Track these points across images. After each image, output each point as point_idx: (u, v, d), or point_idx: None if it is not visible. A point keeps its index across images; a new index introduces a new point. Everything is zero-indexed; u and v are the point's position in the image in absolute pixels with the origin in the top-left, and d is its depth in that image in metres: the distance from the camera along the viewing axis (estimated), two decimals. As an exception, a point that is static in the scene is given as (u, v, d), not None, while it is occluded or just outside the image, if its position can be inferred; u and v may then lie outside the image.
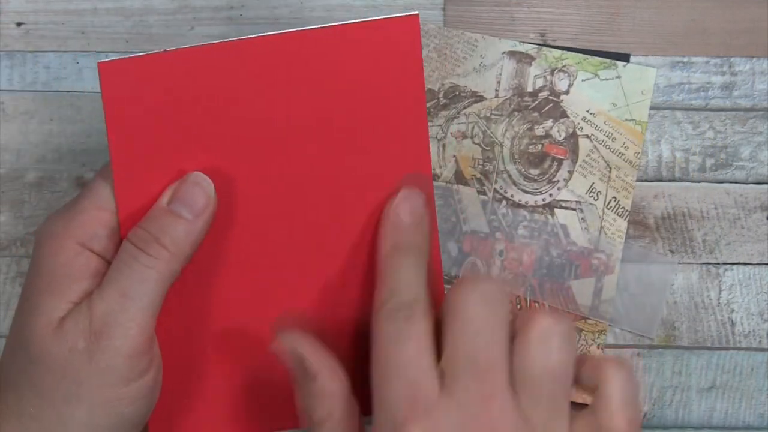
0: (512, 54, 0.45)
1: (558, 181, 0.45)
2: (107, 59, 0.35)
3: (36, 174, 0.45)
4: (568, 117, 0.45)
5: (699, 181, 0.45)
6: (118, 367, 0.34)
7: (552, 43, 0.45)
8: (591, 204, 0.45)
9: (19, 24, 0.46)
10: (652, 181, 0.45)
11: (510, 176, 0.45)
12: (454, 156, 0.45)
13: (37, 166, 0.45)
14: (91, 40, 0.46)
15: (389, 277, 0.35)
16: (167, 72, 0.36)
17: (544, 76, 0.45)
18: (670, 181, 0.45)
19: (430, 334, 0.32)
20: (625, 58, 0.45)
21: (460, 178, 0.45)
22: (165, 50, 0.36)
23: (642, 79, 0.45)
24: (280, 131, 0.37)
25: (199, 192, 0.36)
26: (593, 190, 0.45)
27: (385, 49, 0.37)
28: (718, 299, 0.45)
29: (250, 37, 0.36)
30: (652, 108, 0.45)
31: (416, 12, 0.37)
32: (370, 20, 0.36)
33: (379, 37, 0.37)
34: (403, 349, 0.32)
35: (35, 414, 0.34)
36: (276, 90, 0.37)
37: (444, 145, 0.45)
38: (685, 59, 0.46)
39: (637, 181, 0.45)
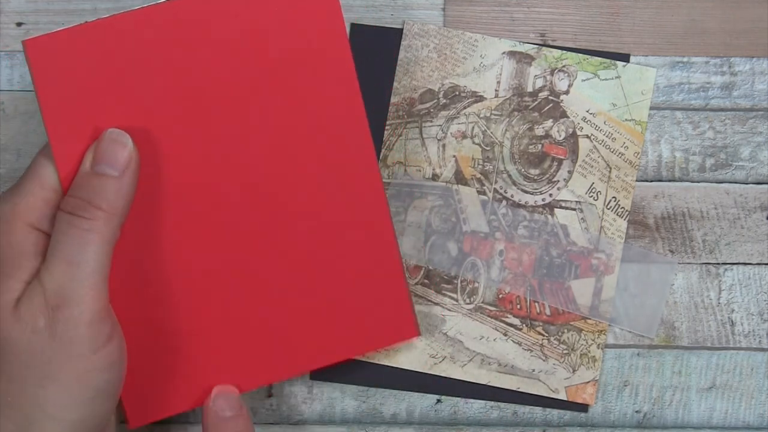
0: (512, 54, 0.45)
1: (558, 181, 0.45)
2: (31, 36, 0.36)
3: (36, 174, 0.45)
4: (568, 117, 0.45)
5: (699, 181, 0.45)
6: (82, 336, 0.34)
7: (552, 43, 0.45)
8: (591, 204, 0.45)
9: (19, 24, 0.46)
10: (652, 181, 0.45)
11: (510, 176, 0.45)
12: (454, 156, 0.45)
13: (37, 166, 0.45)
14: (91, 40, 0.46)
15: None
16: (93, 42, 0.37)
17: (544, 76, 0.45)
18: (670, 181, 0.45)
19: None
20: (624, 58, 0.45)
21: (460, 178, 0.45)
22: (87, 21, 0.37)
23: (642, 79, 0.45)
24: (208, 92, 0.38)
25: (119, 148, 0.36)
26: (593, 190, 0.45)
27: (308, 18, 0.38)
28: (718, 299, 0.45)
29: (171, 1, 0.37)
30: (652, 108, 0.45)
31: None
32: None
33: (299, 10, 0.38)
34: None
35: (12, 402, 0.34)
36: (200, 52, 0.38)
37: (444, 145, 0.45)
38: (685, 59, 0.46)
39: (637, 181, 0.45)
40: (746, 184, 0.45)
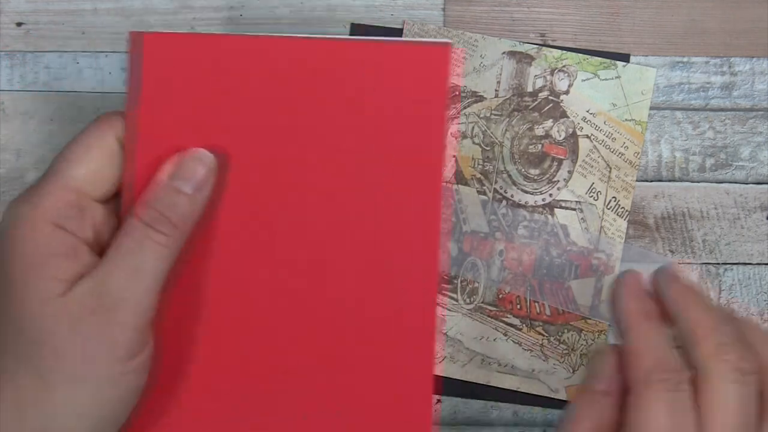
0: (512, 54, 0.45)
1: (558, 181, 0.45)
2: (149, 31, 0.36)
3: (36, 174, 0.45)
4: (568, 117, 0.45)
5: (699, 181, 0.45)
6: (128, 340, 0.34)
7: (552, 43, 0.45)
8: (591, 204, 0.45)
9: (19, 24, 0.46)
10: (652, 181, 0.45)
11: (510, 176, 0.45)
12: (454, 156, 0.45)
13: (37, 166, 0.45)
14: (91, 40, 0.46)
15: (649, 346, 0.36)
16: (205, 55, 0.37)
17: (544, 76, 0.45)
18: (670, 181, 0.45)
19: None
20: (624, 58, 0.45)
21: (460, 178, 0.45)
22: (205, 33, 0.37)
23: (642, 79, 0.45)
24: (296, 131, 0.38)
25: (201, 167, 0.36)
26: (593, 190, 0.45)
27: (413, 73, 0.37)
28: (718, 299, 0.45)
29: (288, 37, 0.38)
30: (652, 108, 0.45)
31: (449, 41, 0.37)
32: (404, 42, 0.38)
33: (409, 61, 0.37)
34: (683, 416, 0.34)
35: (38, 399, 0.34)
36: (300, 92, 0.38)
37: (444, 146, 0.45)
38: (685, 59, 0.46)
39: (637, 181, 0.45)
40: (746, 184, 0.45)
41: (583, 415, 0.36)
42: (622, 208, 0.45)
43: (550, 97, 0.45)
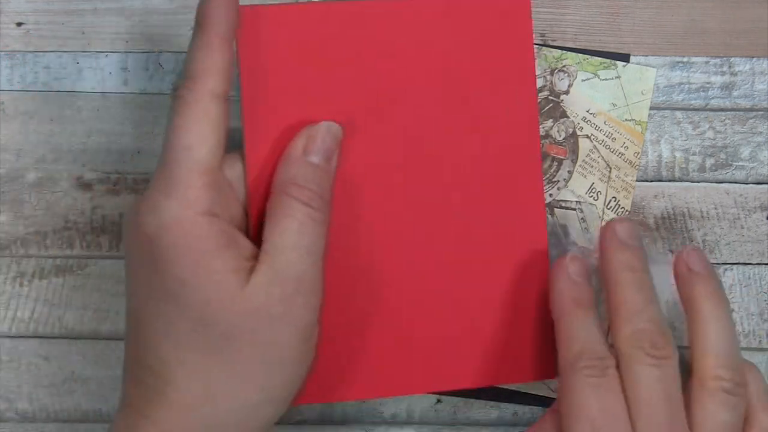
0: (512, 54, 0.45)
1: (558, 181, 0.45)
2: (244, 4, 0.37)
3: (36, 174, 0.45)
4: (568, 117, 0.45)
5: (699, 181, 0.45)
6: (308, 323, 0.35)
7: (552, 43, 0.45)
8: (591, 204, 0.45)
9: (19, 24, 0.46)
10: (652, 181, 0.45)
11: (510, 176, 0.45)
12: (454, 156, 0.45)
13: (37, 166, 0.45)
14: (91, 40, 0.46)
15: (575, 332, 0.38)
16: (299, 24, 0.38)
17: (544, 76, 0.45)
18: (670, 181, 0.45)
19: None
20: (624, 58, 0.45)
21: (460, 178, 0.45)
22: (295, 3, 0.39)
23: (642, 79, 0.45)
24: (398, 89, 0.39)
25: (331, 139, 0.37)
26: (593, 190, 0.45)
27: (497, 26, 0.40)
28: (718, 299, 0.45)
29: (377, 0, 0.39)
30: (652, 108, 0.45)
31: None
32: None
33: (491, 14, 0.40)
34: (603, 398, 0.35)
35: (230, 390, 0.34)
36: (395, 50, 0.39)
37: (444, 145, 0.45)
38: (685, 59, 0.46)
39: (637, 181, 0.45)
40: (746, 184, 0.45)
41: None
42: (622, 208, 0.45)
43: (550, 97, 0.45)
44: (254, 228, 0.38)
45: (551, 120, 0.45)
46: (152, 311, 0.34)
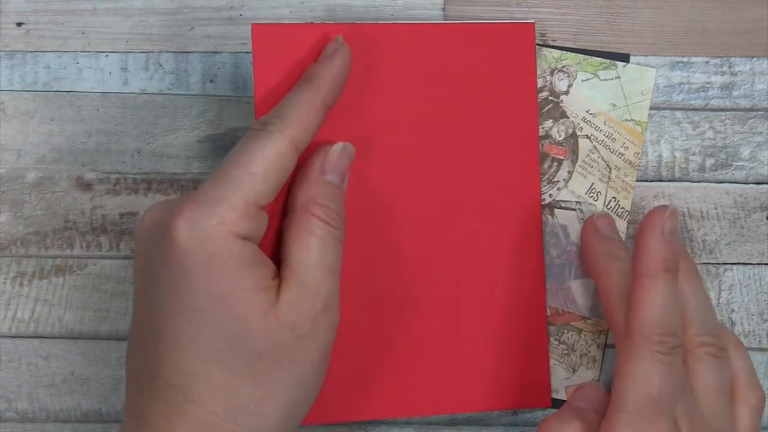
0: (512, 54, 0.45)
1: (558, 181, 0.45)
2: (260, 22, 0.39)
3: (36, 174, 0.45)
4: (567, 117, 0.45)
5: (699, 181, 0.45)
6: (331, 341, 0.36)
7: (552, 43, 0.45)
8: (591, 204, 0.45)
9: (19, 24, 0.46)
10: (652, 181, 0.45)
11: (510, 176, 0.45)
12: (454, 156, 0.45)
13: (37, 166, 0.45)
14: (91, 40, 0.46)
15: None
16: (315, 43, 0.39)
17: (544, 77, 0.45)
18: (670, 181, 0.45)
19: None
20: (624, 58, 0.45)
21: (460, 178, 0.45)
22: (314, 22, 0.40)
23: (642, 79, 0.45)
24: (407, 111, 0.41)
25: (346, 159, 0.38)
26: (593, 191, 0.45)
27: (502, 51, 0.42)
28: (718, 299, 0.45)
29: (392, 23, 0.41)
30: (651, 108, 0.45)
31: (532, 21, 0.43)
32: (492, 23, 0.43)
33: (497, 39, 0.42)
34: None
35: (254, 405, 0.35)
36: (408, 74, 0.41)
37: (444, 145, 0.45)
38: (685, 59, 0.46)
39: (637, 181, 0.45)
40: (746, 184, 0.45)
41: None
42: (622, 208, 0.45)
43: (550, 98, 0.45)
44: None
45: (551, 120, 0.45)
46: (177, 324, 0.34)
